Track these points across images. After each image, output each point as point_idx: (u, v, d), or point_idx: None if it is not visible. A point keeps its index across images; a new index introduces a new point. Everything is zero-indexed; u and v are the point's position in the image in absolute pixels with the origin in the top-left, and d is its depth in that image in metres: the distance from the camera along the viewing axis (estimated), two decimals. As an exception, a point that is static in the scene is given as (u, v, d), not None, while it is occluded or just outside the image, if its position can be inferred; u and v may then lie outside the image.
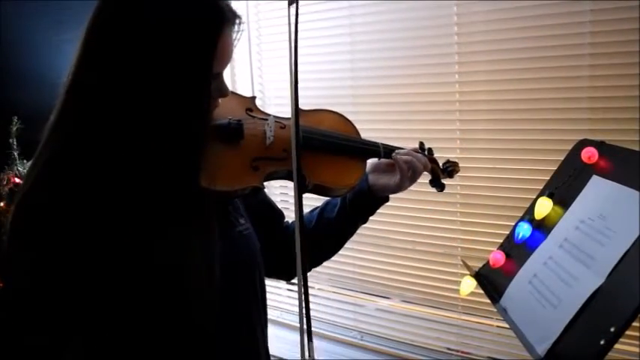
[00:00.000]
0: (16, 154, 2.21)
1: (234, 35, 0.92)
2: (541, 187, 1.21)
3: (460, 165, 1.46)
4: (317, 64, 2.44)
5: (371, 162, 1.32)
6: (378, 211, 1.34)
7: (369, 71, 2.34)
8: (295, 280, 1.34)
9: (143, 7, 0.84)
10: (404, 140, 2.18)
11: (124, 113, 0.85)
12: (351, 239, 1.36)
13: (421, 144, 1.39)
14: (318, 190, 1.19)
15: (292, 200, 2.61)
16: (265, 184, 1.12)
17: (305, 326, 0.80)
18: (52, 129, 0.89)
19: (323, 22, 2.40)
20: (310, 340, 0.93)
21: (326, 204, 1.34)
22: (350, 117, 1.33)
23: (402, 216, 2.22)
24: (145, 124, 0.85)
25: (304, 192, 1.11)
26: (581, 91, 1.86)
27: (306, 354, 0.90)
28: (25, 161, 2.24)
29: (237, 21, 0.92)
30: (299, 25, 0.92)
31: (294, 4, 0.93)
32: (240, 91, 1.22)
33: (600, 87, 1.83)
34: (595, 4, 1.79)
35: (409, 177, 1.28)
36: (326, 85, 2.45)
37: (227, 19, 0.90)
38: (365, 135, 1.32)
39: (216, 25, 0.88)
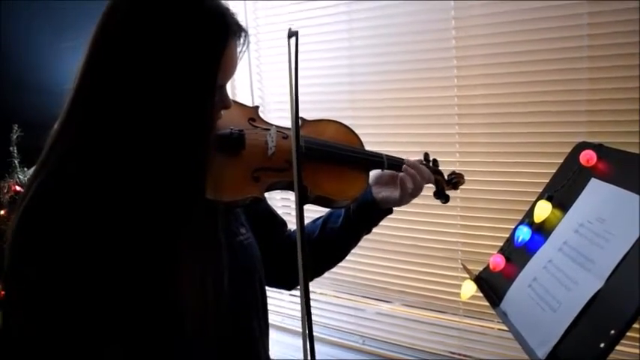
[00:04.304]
0: (16, 161, 2.20)
1: (239, 48, 0.92)
2: (540, 191, 1.21)
3: (459, 169, 1.46)
4: (315, 69, 2.45)
5: (374, 173, 1.31)
6: (379, 216, 1.34)
7: (367, 76, 2.35)
8: (298, 287, 1.34)
9: (149, 18, 0.84)
10: (403, 145, 2.21)
11: (129, 124, 0.84)
12: (352, 243, 1.36)
13: (426, 155, 1.38)
14: (320, 202, 1.18)
15: (294, 208, 2.60)
16: (266, 194, 1.12)
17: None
18: (56, 139, 0.89)
19: (321, 27, 2.40)
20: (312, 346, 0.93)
21: (330, 214, 1.33)
22: (348, 122, 1.32)
23: (403, 220, 2.22)
24: (150, 135, 0.85)
25: (306, 203, 1.10)
26: (580, 93, 1.86)
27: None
28: (25, 169, 2.24)
29: (243, 34, 0.92)
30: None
31: (294, 37, 0.94)
32: (240, 99, 1.22)
33: (599, 89, 1.84)
34: (592, 6, 1.80)
35: (410, 193, 1.28)
36: (324, 90, 2.45)
37: (233, 32, 0.90)
38: (363, 140, 1.31)
39: (222, 38, 0.88)
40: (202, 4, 0.87)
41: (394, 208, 1.35)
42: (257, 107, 1.22)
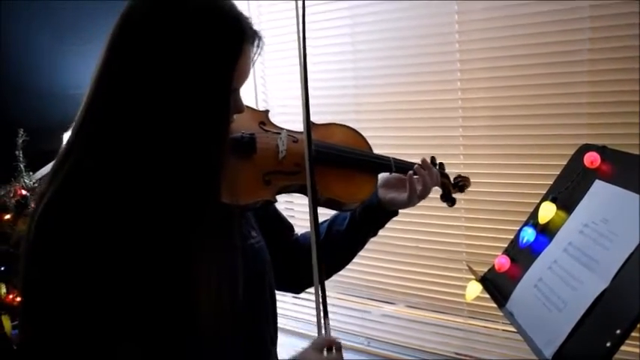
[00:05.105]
0: (22, 166, 2.22)
1: (253, 53, 0.93)
2: (544, 192, 1.22)
3: (463, 171, 1.47)
4: (320, 72, 2.46)
5: (381, 176, 1.32)
6: (384, 219, 1.35)
7: (371, 79, 2.36)
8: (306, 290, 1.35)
9: (167, 24, 0.85)
10: (407, 147, 2.22)
11: (146, 128, 0.85)
12: (357, 246, 1.37)
13: (432, 159, 1.39)
14: (329, 204, 1.19)
15: (297, 211, 2.61)
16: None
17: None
18: (72, 143, 0.89)
19: (326, 30, 2.42)
20: (326, 315, 0.97)
21: (335, 217, 1.34)
22: (353, 125, 1.34)
23: (407, 222, 2.23)
24: (167, 139, 0.85)
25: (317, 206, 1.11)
26: (582, 96, 1.88)
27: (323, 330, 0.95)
28: (31, 173, 2.25)
29: (257, 39, 0.93)
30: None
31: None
32: (244, 101, 1.23)
33: (600, 92, 1.85)
34: (593, 10, 1.81)
35: (419, 194, 1.29)
36: (329, 93, 2.47)
37: (248, 36, 0.91)
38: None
39: (238, 42, 0.89)
40: (219, 9, 0.88)
41: (399, 211, 1.36)
42: (267, 111, 1.23)
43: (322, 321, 1.01)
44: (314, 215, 0.89)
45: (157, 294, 0.85)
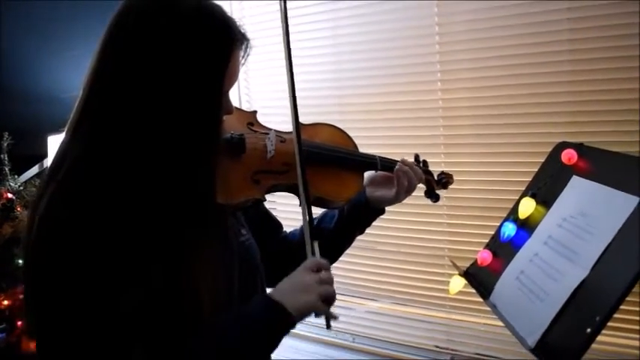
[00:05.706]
0: (7, 169, 2.21)
1: (242, 56, 0.96)
2: (524, 188, 1.26)
3: (445, 169, 1.51)
4: (302, 74, 2.46)
5: (367, 174, 1.36)
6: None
7: (353, 80, 2.39)
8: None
9: (159, 28, 0.87)
10: (390, 147, 2.26)
11: (140, 131, 0.87)
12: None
13: (416, 156, 1.43)
14: (317, 203, 1.22)
15: (280, 210, 2.62)
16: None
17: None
18: (66, 148, 0.91)
19: (307, 33, 2.44)
20: (315, 239, 1.01)
21: (323, 215, 1.36)
22: (337, 125, 1.37)
23: (390, 219, 2.23)
24: (161, 141, 0.87)
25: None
26: (561, 95, 1.93)
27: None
28: (16, 176, 2.24)
29: (246, 43, 0.96)
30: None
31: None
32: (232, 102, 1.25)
33: (579, 91, 1.90)
34: (572, 12, 1.87)
35: (406, 190, 1.32)
36: (312, 94, 2.49)
37: (238, 40, 0.93)
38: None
39: (229, 46, 0.92)
40: (210, 13, 0.91)
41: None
42: (255, 112, 1.26)
43: (311, 244, 1.04)
44: (308, 211, 0.91)
45: (155, 292, 0.86)
